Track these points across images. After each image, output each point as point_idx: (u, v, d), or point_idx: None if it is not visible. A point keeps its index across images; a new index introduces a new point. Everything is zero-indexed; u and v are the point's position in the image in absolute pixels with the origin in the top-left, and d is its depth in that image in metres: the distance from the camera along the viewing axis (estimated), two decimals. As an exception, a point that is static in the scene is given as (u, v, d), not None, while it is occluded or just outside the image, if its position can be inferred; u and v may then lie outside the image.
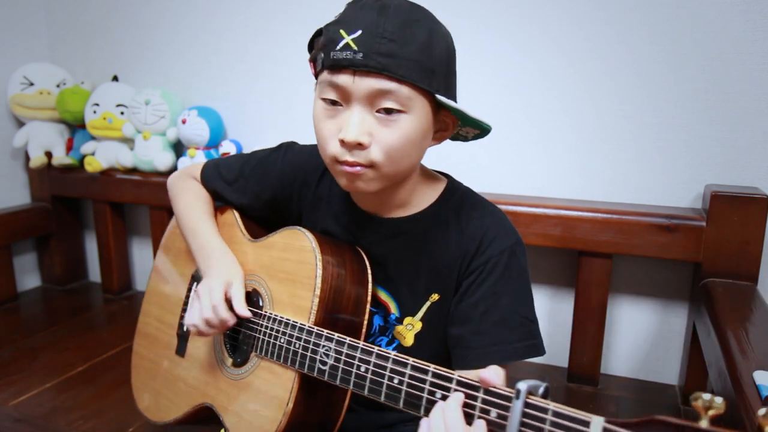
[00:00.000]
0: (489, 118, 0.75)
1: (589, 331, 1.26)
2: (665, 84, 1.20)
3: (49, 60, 1.85)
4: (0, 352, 1.39)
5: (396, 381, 0.64)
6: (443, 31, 0.71)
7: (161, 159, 1.61)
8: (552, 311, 1.38)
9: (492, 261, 0.75)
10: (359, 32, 0.64)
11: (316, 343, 0.72)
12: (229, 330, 0.85)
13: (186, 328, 0.90)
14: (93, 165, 1.66)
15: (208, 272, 0.84)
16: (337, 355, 0.70)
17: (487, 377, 0.57)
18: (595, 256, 1.22)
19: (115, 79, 1.74)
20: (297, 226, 0.82)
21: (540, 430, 0.52)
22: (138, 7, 1.71)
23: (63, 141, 1.78)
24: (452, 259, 0.78)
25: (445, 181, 0.83)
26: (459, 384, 0.59)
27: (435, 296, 0.79)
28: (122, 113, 1.66)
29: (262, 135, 1.62)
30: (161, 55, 1.72)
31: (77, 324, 1.59)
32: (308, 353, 0.73)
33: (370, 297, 0.80)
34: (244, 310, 0.79)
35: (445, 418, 0.57)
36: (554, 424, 0.51)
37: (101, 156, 1.68)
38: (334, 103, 0.68)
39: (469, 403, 0.57)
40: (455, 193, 0.82)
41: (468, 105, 0.72)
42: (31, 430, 1.09)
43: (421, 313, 0.80)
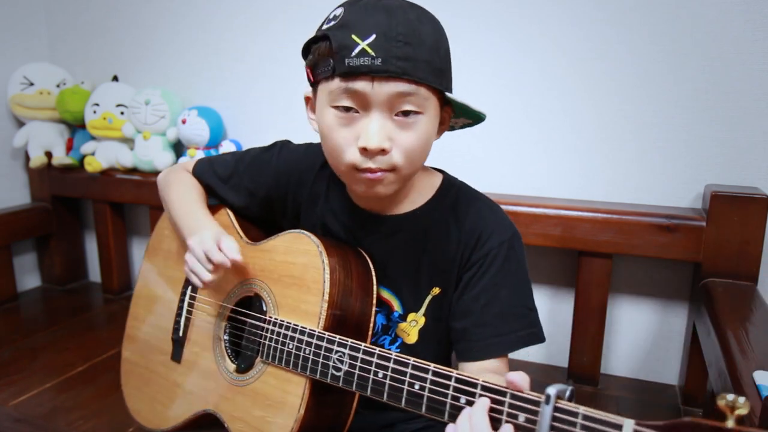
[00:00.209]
0: (489, 118, 0.76)
1: (589, 331, 1.26)
2: (665, 84, 1.19)
3: (49, 60, 1.85)
4: (0, 352, 1.39)
5: (417, 387, 0.63)
6: (439, 24, 0.71)
7: (161, 159, 1.61)
8: (552, 311, 1.38)
9: (492, 254, 0.76)
10: (373, 36, 0.63)
11: (329, 349, 0.71)
12: (229, 336, 0.84)
13: (182, 332, 0.90)
14: (93, 165, 1.67)
15: (196, 231, 0.83)
16: (352, 361, 0.69)
17: (516, 380, 0.56)
18: (595, 256, 1.22)
19: (115, 79, 1.74)
20: (300, 230, 0.81)
21: None
22: (138, 7, 1.71)
23: (63, 141, 1.78)
24: (452, 253, 0.78)
25: (441, 177, 0.84)
26: (484, 389, 0.59)
27: (436, 290, 0.80)
28: (122, 113, 1.66)
29: (262, 135, 1.62)
30: (161, 55, 1.71)
31: (77, 324, 1.59)
32: (320, 359, 0.72)
33: (375, 298, 0.79)
34: (236, 254, 0.78)
35: (471, 424, 0.56)
36: (584, 428, 0.51)
37: (101, 156, 1.68)
38: (348, 109, 0.67)
39: (495, 408, 0.57)
40: (452, 188, 0.82)
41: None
42: (31, 430, 1.09)
43: (423, 308, 0.81)
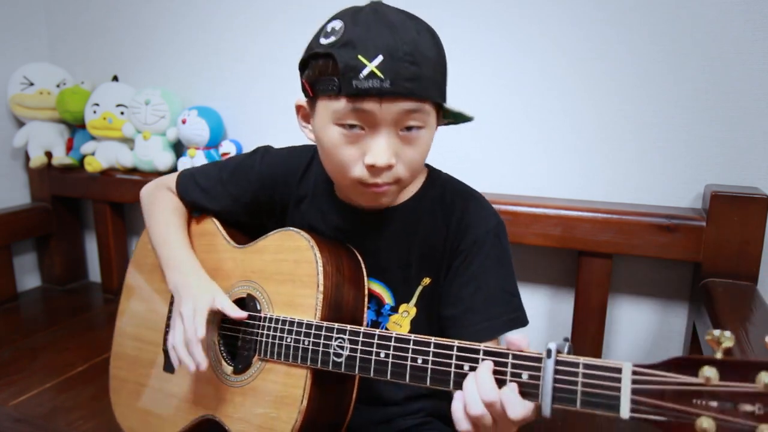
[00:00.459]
0: (489, 118, 0.76)
1: (589, 331, 1.26)
2: (665, 84, 1.19)
3: (49, 60, 1.85)
4: (0, 352, 1.39)
5: (420, 361, 0.65)
6: (434, 32, 0.70)
7: (161, 159, 1.61)
8: (552, 311, 1.38)
9: (479, 242, 0.79)
10: (381, 58, 0.63)
11: (328, 337, 0.72)
12: (222, 339, 0.84)
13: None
14: (93, 165, 1.67)
15: (182, 291, 0.83)
16: (353, 345, 0.70)
17: (515, 340, 0.59)
18: (595, 256, 1.22)
19: (115, 79, 1.74)
20: (289, 228, 0.82)
21: (574, 384, 0.54)
22: (138, 7, 1.71)
23: (63, 141, 1.78)
24: (440, 243, 0.81)
25: (427, 171, 0.86)
26: (486, 353, 0.60)
27: (426, 280, 0.82)
28: (122, 113, 1.66)
29: (262, 135, 1.62)
30: (161, 55, 1.72)
31: (77, 324, 1.59)
32: (320, 348, 0.73)
33: (366, 291, 0.81)
34: (239, 312, 0.79)
35: (478, 386, 0.58)
36: (586, 376, 0.54)
37: (101, 156, 1.68)
38: (352, 126, 0.68)
39: (499, 370, 0.59)
40: (437, 180, 0.85)
41: (468, 105, 0.73)
42: (31, 430, 1.09)
43: (414, 298, 0.83)
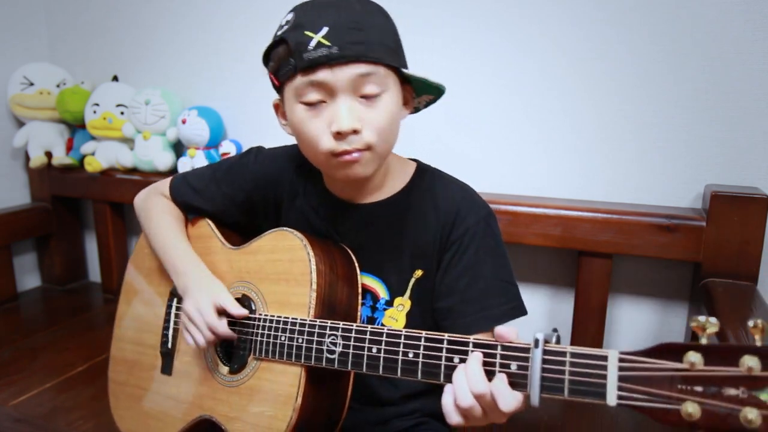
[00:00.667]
0: (489, 118, 0.76)
1: (589, 331, 1.26)
2: (665, 84, 1.19)
3: (49, 60, 1.85)
4: (0, 352, 1.39)
5: (411, 355, 0.65)
6: (385, 10, 0.75)
7: (161, 159, 1.61)
8: (552, 311, 1.38)
9: (469, 233, 0.79)
10: (326, 29, 0.67)
11: (321, 334, 0.73)
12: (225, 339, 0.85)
13: (170, 344, 0.91)
14: (93, 165, 1.67)
15: (188, 292, 0.84)
16: (345, 341, 0.71)
17: (504, 332, 0.59)
18: (595, 256, 1.22)
19: (115, 79, 1.74)
20: (282, 228, 0.82)
21: (561, 372, 0.54)
22: (138, 7, 1.71)
23: (63, 141, 1.78)
24: (430, 235, 0.81)
25: (415, 165, 0.87)
26: (476, 346, 0.61)
27: (419, 272, 0.83)
28: (122, 113, 1.66)
29: (262, 135, 1.61)
30: (161, 55, 1.71)
31: (77, 324, 1.59)
32: (314, 345, 0.73)
33: (360, 288, 0.82)
34: (240, 310, 0.80)
35: (468, 378, 0.59)
36: (574, 365, 0.54)
37: (101, 156, 1.68)
38: (316, 102, 0.71)
39: (488, 361, 0.59)
40: (426, 173, 0.86)
41: (468, 105, 0.73)
42: (31, 430, 1.09)
43: (408, 291, 0.83)
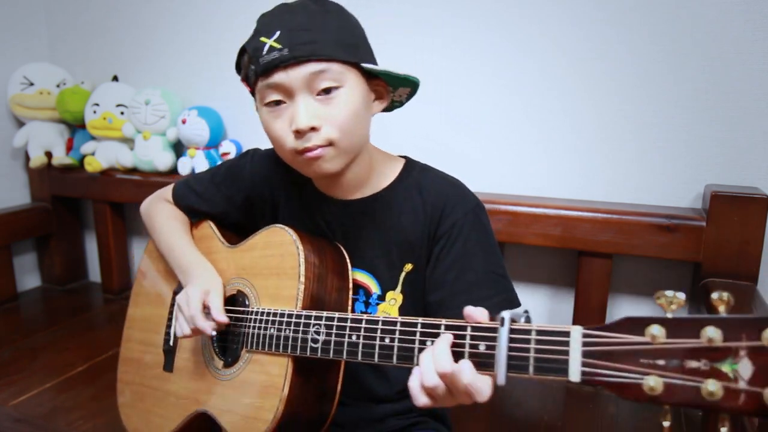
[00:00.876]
0: (489, 118, 0.75)
1: (589, 331, 1.26)
2: (665, 84, 1.19)
3: (49, 60, 1.85)
4: (0, 352, 1.39)
5: (387, 340, 0.66)
6: (344, 9, 0.77)
7: (161, 159, 1.61)
8: (552, 311, 1.38)
9: (458, 225, 0.80)
10: (278, 33, 0.71)
11: (306, 324, 0.74)
12: (216, 335, 0.86)
13: (171, 342, 0.93)
14: (93, 165, 1.67)
15: (186, 285, 0.87)
16: (328, 330, 0.72)
17: (473, 313, 0.60)
18: (595, 256, 1.22)
19: (115, 79, 1.74)
20: (275, 224, 0.84)
21: (527, 351, 0.55)
22: (138, 7, 1.71)
23: (63, 141, 1.78)
24: (419, 228, 0.82)
25: (403, 161, 0.88)
26: (447, 328, 0.62)
27: (409, 266, 0.83)
28: (122, 113, 1.66)
29: (262, 135, 1.60)
30: (161, 55, 1.71)
31: (77, 324, 1.59)
32: (299, 335, 0.75)
33: (351, 282, 0.83)
34: (221, 316, 0.81)
35: (434, 358, 0.59)
36: (539, 342, 0.55)
37: (101, 156, 1.68)
38: (278, 103, 0.74)
39: (457, 343, 0.60)
40: (414, 168, 0.87)
41: (468, 104, 0.72)
42: (31, 430, 1.09)
43: (399, 285, 0.84)
